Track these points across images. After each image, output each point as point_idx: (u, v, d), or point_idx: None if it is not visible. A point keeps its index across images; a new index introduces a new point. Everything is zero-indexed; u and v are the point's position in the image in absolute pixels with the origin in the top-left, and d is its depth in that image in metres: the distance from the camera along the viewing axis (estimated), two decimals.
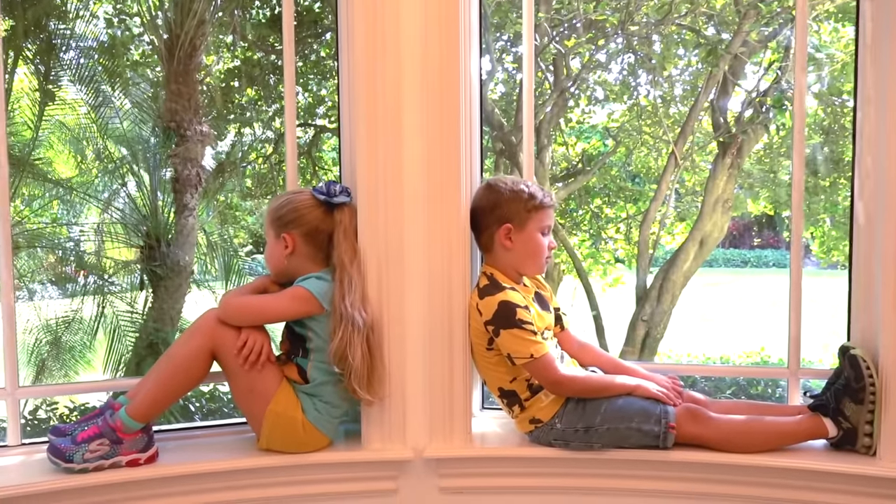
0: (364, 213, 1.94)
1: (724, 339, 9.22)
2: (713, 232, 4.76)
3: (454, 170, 1.94)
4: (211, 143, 4.74)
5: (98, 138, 5.63)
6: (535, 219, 1.97)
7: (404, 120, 1.94)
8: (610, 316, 5.68)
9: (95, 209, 5.79)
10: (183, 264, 4.56)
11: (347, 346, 1.84)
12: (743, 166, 4.92)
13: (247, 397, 1.89)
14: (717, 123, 4.83)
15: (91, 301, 5.17)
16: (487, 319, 1.91)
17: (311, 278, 1.89)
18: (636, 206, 6.45)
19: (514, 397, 1.97)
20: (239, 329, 1.85)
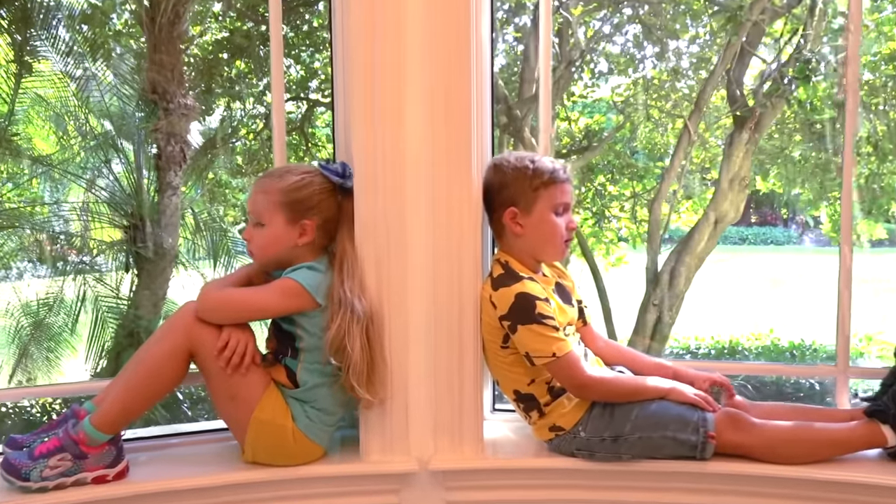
0: (361, 194, 1.70)
1: (728, 319, 9.04)
2: (729, 212, 4.51)
3: (464, 143, 1.70)
4: (196, 118, 4.47)
5: (79, 113, 5.34)
6: (545, 197, 1.72)
7: (407, 88, 1.69)
8: (614, 298, 5.46)
9: (78, 188, 5.52)
10: (167, 246, 4.30)
11: (346, 336, 1.62)
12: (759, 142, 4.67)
13: (229, 404, 1.66)
14: (734, 96, 4.55)
15: (73, 284, 4.90)
16: (503, 314, 1.68)
17: (301, 269, 1.66)
18: (641, 183, 6.21)
19: (531, 402, 1.75)
20: (219, 327, 1.62)
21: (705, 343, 5.77)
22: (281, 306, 1.64)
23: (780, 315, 9.34)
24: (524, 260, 1.76)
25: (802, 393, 4.71)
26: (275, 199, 1.68)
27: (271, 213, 1.69)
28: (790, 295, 11.32)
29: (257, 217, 1.70)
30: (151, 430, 2.14)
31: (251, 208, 1.72)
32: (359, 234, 1.70)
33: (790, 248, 19.02)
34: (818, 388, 4.55)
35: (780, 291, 11.76)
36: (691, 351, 5.59)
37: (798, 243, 19.48)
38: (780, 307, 10.00)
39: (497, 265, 1.76)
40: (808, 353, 5.38)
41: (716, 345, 5.72)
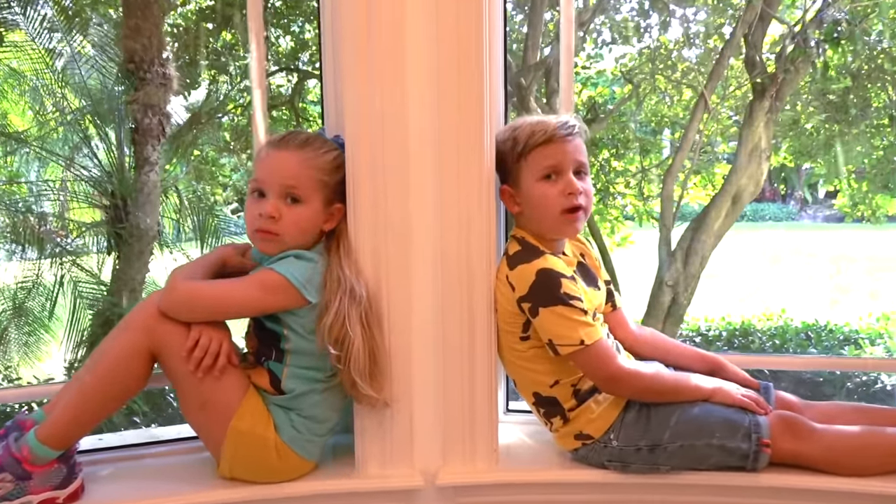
0: (356, 166, 1.44)
1: (733, 297, 8.83)
2: (748, 186, 4.23)
3: (475, 105, 1.44)
4: (177, 89, 4.16)
5: (56, 87, 5.04)
6: (529, 165, 1.47)
7: (408, 41, 1.43)
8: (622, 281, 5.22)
9: (56, 166, 5.23)
10: (144, 227, 4.01)
11: (346, 320, 1.36)
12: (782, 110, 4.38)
13: (200, 413, 1.41)
14: (753, 62, 4.26)
15: (52, 267, 4.62)
16: (522, 294, 1.43)
17: (287, 258, 1.40)
18: (648, 158, 5.94)
19: (554, 407, 1.50)
20: (187, 325, 1.37)
21: (716, 325, 5.54)
22: (262, 303, 1.39)
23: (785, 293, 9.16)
24: (537, 238, 1.51)
25: (822, 377, 4.49)
26: (318, 176, 1.43)
27: (312, 191, 1.42)
28: (792, 272, 11.14)
29: (293, 191, 1.41)
30: (125, 435, 1.90)
31: (287, 181, 1.41)
32: (353, 211, 1.45)
33: (789, 223, 18.83)
34: (838, 372, 4.33)
35: (781, 269, 11.57)
36: (702, 333, 5.35)
37: (796, 219, 19.30)
38: (784, 285, 9.81)
39: (514, 242, 1.51)
40: (825, 335, 5.15)
41: (727, 326, 5.49)
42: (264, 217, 1.41)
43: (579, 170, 1.51)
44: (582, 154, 1.53)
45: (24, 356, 5.15)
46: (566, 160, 1.48)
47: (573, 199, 1.47)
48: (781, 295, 9.31)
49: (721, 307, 7.45)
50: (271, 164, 1.44)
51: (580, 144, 1.53)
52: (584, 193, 1.50)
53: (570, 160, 1.49)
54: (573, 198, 1.47)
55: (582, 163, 1.52)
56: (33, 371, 5.15)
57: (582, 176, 1.51)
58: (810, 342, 4.99)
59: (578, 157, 1.50)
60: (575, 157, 1.50)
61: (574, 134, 1.51)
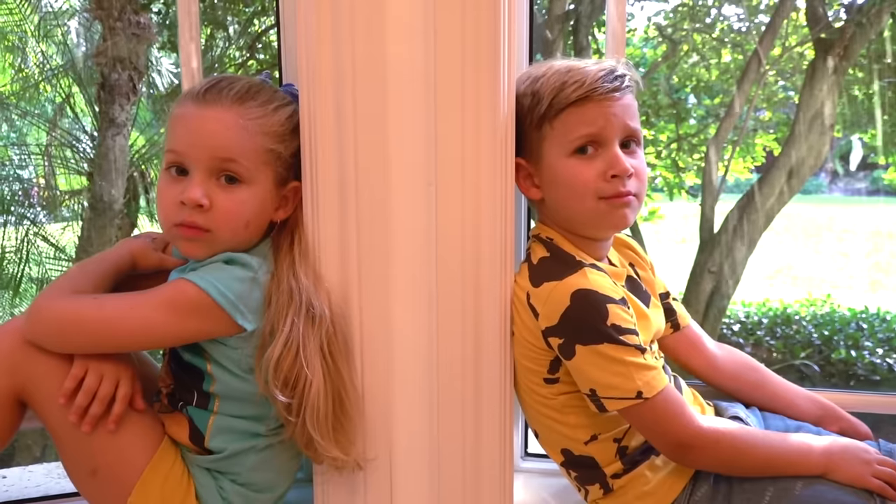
0: (313, 132, 1.01)
1: (761, 274, 8.34)
2: (808, 158, 3.72)
3: (488, 50, 0.99)
4: (151, 40, 3.71)
5: (33, 40, 4.61)
6: (556, 132, 1.04)
7: None
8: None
9: (37, 129, 4.82)
10: (108, 199, 3.57)
11: (300, 351, 0.94)
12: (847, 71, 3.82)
13: (91, 481, 1.00)
14: (815, 15, 3.71)
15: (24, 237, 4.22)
16: (550, 325, 1.00)
17: (213, 263, 0.97)
18: (683, 126, 5.44)
19: (592, 470, 1.07)
20: (69, 357, 0.95)
21: (755, 311, 5.06)
22: (172, 329, 0.95)
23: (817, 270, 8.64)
24: (573, 238, 1.08)
25: (879, 376, 4.02)
26: (266, 143, 1.01)
27: (258, 165, 1.01)
28: (825, 250, 10.61)
29: (230, 167, 0.99)
30: (35, 470, 1.51)
31: (219, 152, 0.99)
32: (311, 197, 1.02)
33: (819, 196, 18.22)
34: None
35: (813, 245, 11.04)
36: (741, 321, 4.89)
37: (826, 192, 18.65)
38: (818, 264, 9.31)
39: (537, 245, 1.08)
40: (878, 325, 4.67)
41: (767, 312, 5.01)
42: (188, 205, 0.98)
43: (629, 139, 1.06)
44: (633, 117, 1.07)
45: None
46: (610, 126, 1.03)
47: (618, 184, 1.03)
48: (816, 274, 8.80)
49: (752, 287, 6.97)
50: (195, 128, 1.00)
51: (631, 103, 1.07)
52: (636, 174, 1.05)
53: (617, 126, 1.04)
54: (619, 182, 1.03)
55: (634, 130, 1.06)
56: None
57: (633, 149, 1.07)
58: (863, 333, 4.52)
59: (628, 121, 1.05)
60: (623, 121, 1.04)
61: (623, 88, 1.05)
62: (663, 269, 1.22)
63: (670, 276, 4.86)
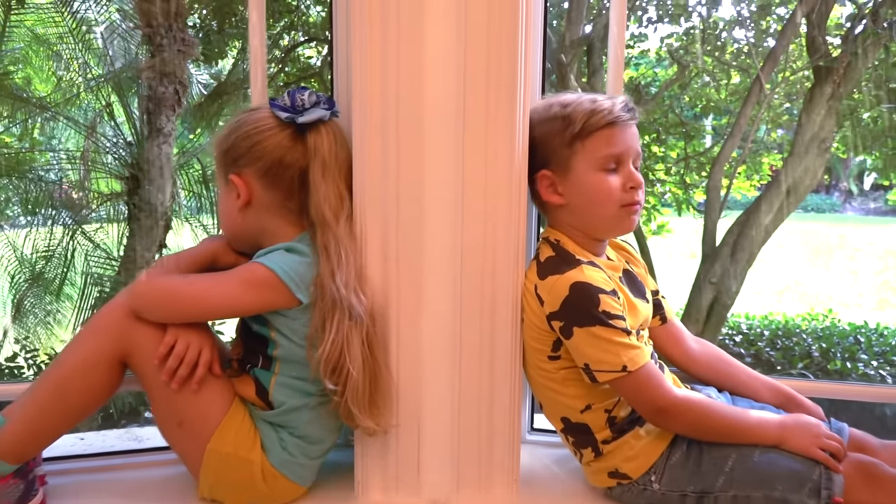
0: (363, 147, 1.23)
1: (770, 290, 8.50)
2: (804, 178, 3.93)
3: (507, 82, 1.22)
4: (197, 57, 3.98)
5: (79, 52, 4.89)
6: (587, 150, 1.26)
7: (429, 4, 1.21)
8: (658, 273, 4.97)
9: (78, 135, 5.10)
10: (154, 202, 3.84)
11: (344, 349, 1.16)
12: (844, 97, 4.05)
13: (177, 431, 1.23)
14: (815, 44, 3.93)
15: (70, 239, 4.50)
16: (553, 311, 1.22)
17: (277, 251, 1.21)
18: (691, 144, 5.65)
19: (585, 436, 1.29)
20: (163, 327, 1.18)
21: (757, 323, 5.25)
22: (246, 302, 1.19)
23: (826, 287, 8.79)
24: (580, 239, 1.30)
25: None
26: (215, 156, 1.28)
27: (217, 175, 1.29)
28: (836, 267, 10.73)
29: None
30: (106, 435, 1.73)
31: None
32: (359, 204, 1.24)
33: (833, 216, 18.26)
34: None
35: (824, 262, 11.17)
36: (742, 332, 5.07)
37: (840, 211, 18.70)
38: (827, 281, 9.44)
39: (545, 245, 1.30)
40: (875, 339, 4.84)
41: (769, 325, 5.19)
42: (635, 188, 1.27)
43: (637, 160, 1.30)
44: (638, 142, 1.32)
45: (45, 326, 5.07)
46: (628, 148, 1.28)
47: (634, 194, 1.28)
48: (824, 291, 8.95)
49: (760, 302, 7.13)
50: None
51: (636, 131, 1.31)
52: (641, 187, 1.30)
53: (633, 148, 1.29)
54: (634, 192, 1.28)
55: (639, 152, 1.31)
56: (52, 342, 5.07)
57: (637, 166, 1.31)
58: (860, 346, 4.69)
59: (637, 145, 1.30)
60: (636, 145, 1.30)
61: (635, 118, 1.30)
62: (674, 281, 1.41)
63: (678, 287, 5.07)
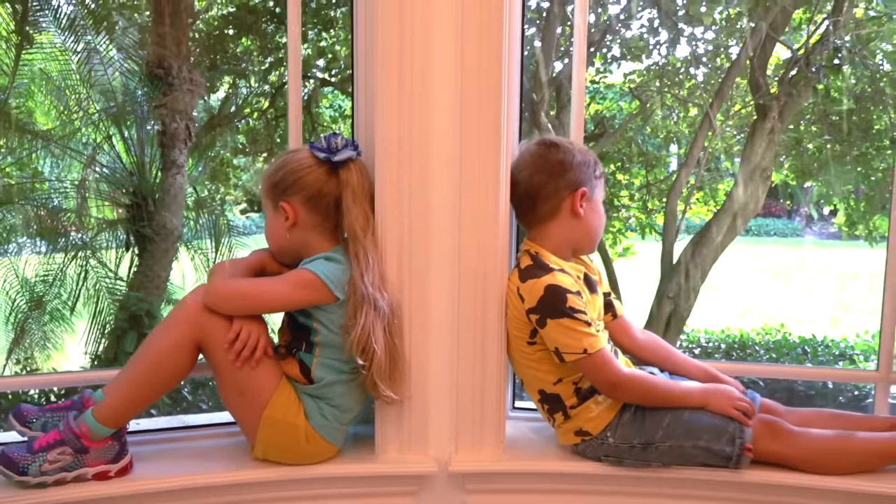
0: (382, 178, 1.60)
1: (732, 311, 8.96)
2: (749, 203, 4.39)
3: (493, 127, 1.60)
4: (202, 94, 4.33)
5: (81, 88, 5.21)
6: (600, 187, 1.70)
7: (433, 64, 1.59)
8: (623, 289, 5.37)
9: (78, 164, 5.40)
10: (170, 227, 4.18)
11: (371, 334, 1.52)
12: (784, 132, 4.55)
13: (238, 400, 1.57)
14: (757, 84, 4.42)
15: (72, 262, 4.80)
16: (531, 307, 1.58)
17: (318, 259, 1.56)
18: (653, 172, 6.10)
19: (557, 403, 1.65)
20: (229, 318, 1.53)
21: (715, 337, 5.68)
22: (296, 299, 1.54)
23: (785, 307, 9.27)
24: (559, 250, 1.67)
25: (815, 391, 4.63)
26: (263, 189, 1.64)
27: (264, 204, 1.66)
28: (795, 288, 11.25)
29: (264, 210, 1.67)
30: (157, 421, 2.05)
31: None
32: (381, 222, 1.60)
33: (794, 240, 18.93)
34: (831, 386, 4.47)
35: (783, 284, 11.69)
36: (701, 345, 5.50)
37: (801, 235, 19.38)
38: (786, 301, 9.93)
39: (526, 256, 1.67)
40: (821, 349, 5.29)
41: (726, 338, 5.63)
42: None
43: None
44: None
45: (43, 348, 5.32)
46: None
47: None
48: (783, 310, 9.43)
49: (723, 320, 7.57)
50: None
51: None
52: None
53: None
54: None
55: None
56: (51, 363, 5.31)
57: None
58: (807, 356, 5.12)
59: None
60: None
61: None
62: (639, 297, 1.76)
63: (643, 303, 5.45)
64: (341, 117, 6.79)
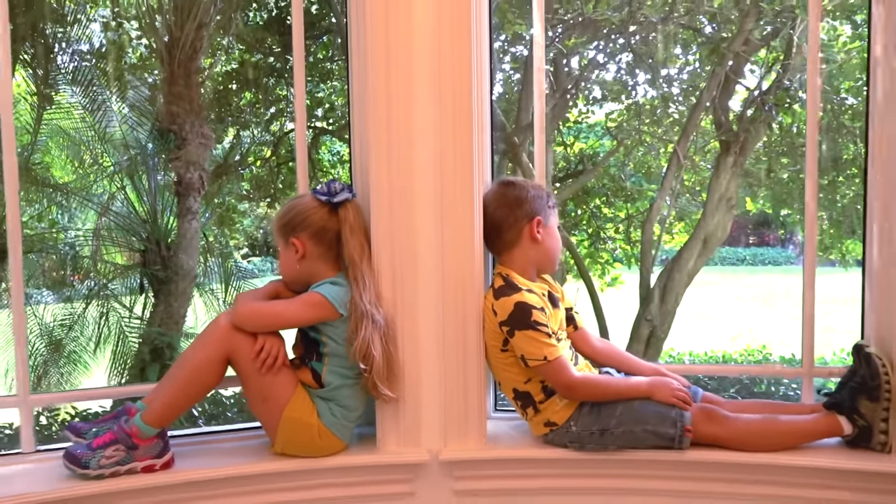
0: (377, 215, 1.93)
1: (724, 337, 9.25)
2: (716, 231, 4.76)
3: (467, 170, 1.94)
4: (212, 146, 4.73)
5: (96, 143, 5.61)
6: (554, 215, 2.03)
7: (415, 121, 1.93)
8: (610, 316, 5.69)
9: (94, 214, 5.77)
10: (187, 268, 4.54)
11: (370, 344, 1.84)
12: (745, 165, 4.96)
13: (262, 403, 1.88)
14: (720, 122, 4.83)
15: (90, 305, 5.14)
16: (503, 320, 1.91)
17: (325, 284, 1.89)
18: (635, 206, 6.46)
19: (528, 399, 1.97)
20: (254, 335, 1.85)
21: (700, 358, 5.97)
22: (308, 316, 1.87)
23: (773, 331, 9.56)
24: (525, 271, 1.99)
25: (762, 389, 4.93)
26: (275, 229, 1.98)
27: (277, 242, 1.98)
28: (783, 313, 11.54)
29: (277, 246, 2.00)
30: (192, 430, 2.37)
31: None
32: (376, 251, 1.93)
33: (787, 268, 19.25)
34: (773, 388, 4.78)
35: (772, 309, 11.97)
36: (685, 365, 5.80)
37: (795, 263, 19.69)
38: (773, 324, 10.22)
39: (498, 278, 1.99)
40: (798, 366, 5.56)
41: (709, 359, 5.92)
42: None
43: None
44: None
45: (61, 390, 5.61)
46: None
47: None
48: (771, 334, 9.72)
49: (713, 345, 7.86)
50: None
51: None
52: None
53: None
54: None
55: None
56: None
57: None
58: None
59: None
60: None
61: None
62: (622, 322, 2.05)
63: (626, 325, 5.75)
64: (339, 162, 7.17)
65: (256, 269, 8.85)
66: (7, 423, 4.88)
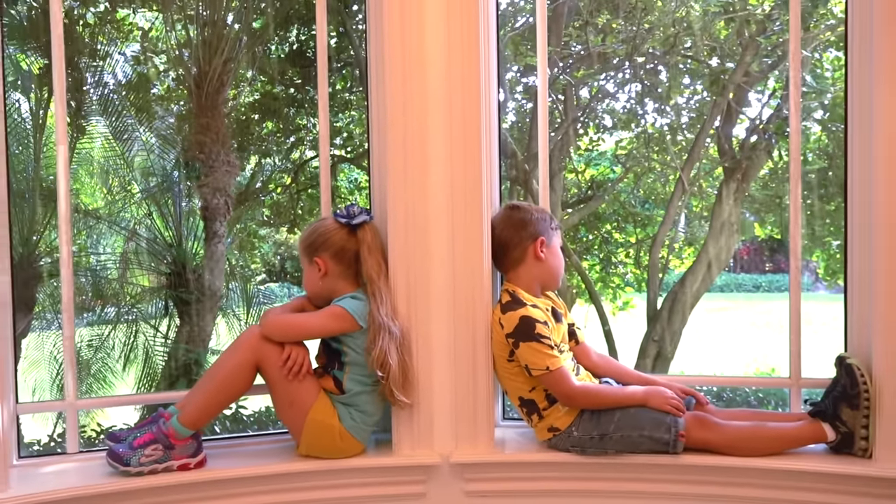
0: (393, 236, 2.11)
1: (735, 361, 9.31)
2: (720, 254, 4.93)
3: (476, 195, 2.12)
4: (237, 174, 4.98)
5: (125, 170, 5.85)
6: (557, 236, 2.18)
7: (429, 151, 2.12)
8: (621, 339, 5.81)
9: (121, 238, 6.00)
10: (213, 288, 4.77)
11: (387, 353, 2.01)
12: (749, 191, 5.12)
13: (288, 407, 2.05)
14: (723, 149, 5.01)
15: (117, 327, 5.35)
16: (509, 332, 2.07)
17: (346, 298, 2.06)
18: (645, 231, 6.59)
19: (532, 406, 2.12)
20: (281, 344, 2.02)
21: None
22: (330, 327, 2.04)
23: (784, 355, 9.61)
24: (531, 288, 2.16)
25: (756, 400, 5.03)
26: (300, 250, 2.16)
27: (301, 261, 2.16)
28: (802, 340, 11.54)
29: (301, 266, 2.17)
30: (222, 435, 2.53)
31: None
32: (392, 269, 2.11)
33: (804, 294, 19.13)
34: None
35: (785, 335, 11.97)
36: (695, 388, 5.91)
37: (812, 290, 19.63)
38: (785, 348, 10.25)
39: (505, 294, 2.16)
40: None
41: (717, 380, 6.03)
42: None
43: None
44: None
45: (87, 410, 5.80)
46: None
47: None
48: (782, 358, 9.74)
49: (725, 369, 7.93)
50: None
51: None
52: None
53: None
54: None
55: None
56: (95, 421, 5.78)
57: None
58: (787, 395, 5.50)
59: None
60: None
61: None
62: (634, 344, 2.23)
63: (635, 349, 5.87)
64: (357, 189, 7.38)
65: (273, 295, 9.05)
66: (35, 440, 5.06)
